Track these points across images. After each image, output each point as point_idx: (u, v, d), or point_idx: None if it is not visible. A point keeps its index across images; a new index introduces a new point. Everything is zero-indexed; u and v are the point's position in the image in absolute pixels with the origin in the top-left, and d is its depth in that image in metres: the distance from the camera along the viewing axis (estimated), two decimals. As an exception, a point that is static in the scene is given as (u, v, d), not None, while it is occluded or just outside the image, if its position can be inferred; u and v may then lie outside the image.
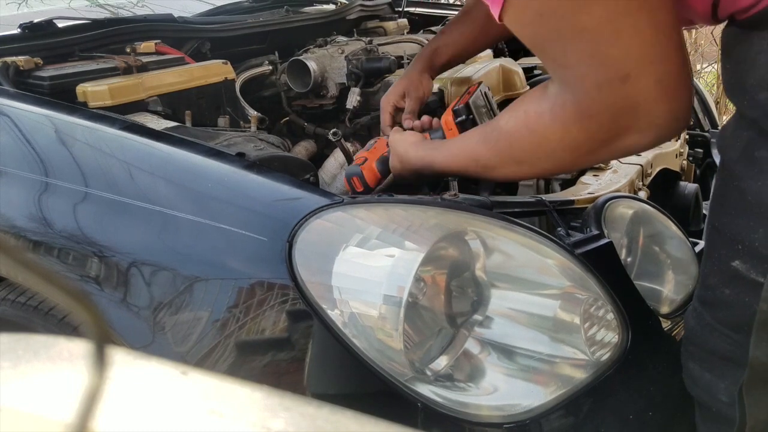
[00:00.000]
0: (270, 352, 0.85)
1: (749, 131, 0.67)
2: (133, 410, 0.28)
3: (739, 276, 0.69)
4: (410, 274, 0.79)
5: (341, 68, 1.59)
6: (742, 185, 0.67)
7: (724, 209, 0.71)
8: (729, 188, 0.70)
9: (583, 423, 0.82)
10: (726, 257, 0.70)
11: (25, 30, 1.41)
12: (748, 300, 0.67)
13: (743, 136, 0.68)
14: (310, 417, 0.28)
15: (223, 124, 1.38)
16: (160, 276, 0.91)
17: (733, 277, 0.70)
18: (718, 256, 0.72)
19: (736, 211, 0.69)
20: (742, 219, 0.68)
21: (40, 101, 1.13)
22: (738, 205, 0.68)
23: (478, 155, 0.88)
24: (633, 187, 1.15)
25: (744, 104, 0.67)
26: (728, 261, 0.70)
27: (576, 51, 0.67)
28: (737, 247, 0.69)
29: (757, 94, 0.64)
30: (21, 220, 1.02)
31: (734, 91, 0.69)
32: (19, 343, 0.33)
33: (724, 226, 0.71)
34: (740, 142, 0.68)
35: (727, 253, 0.70)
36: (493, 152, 0.85)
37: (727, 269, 0.70)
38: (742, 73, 0.66)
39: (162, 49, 1.50)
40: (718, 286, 0.72)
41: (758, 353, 0.65)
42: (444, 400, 0.80)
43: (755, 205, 0.66)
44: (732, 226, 0.69)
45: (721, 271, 0.71)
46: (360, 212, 0.86)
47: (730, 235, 0.70)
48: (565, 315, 0.84)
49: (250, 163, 0.93)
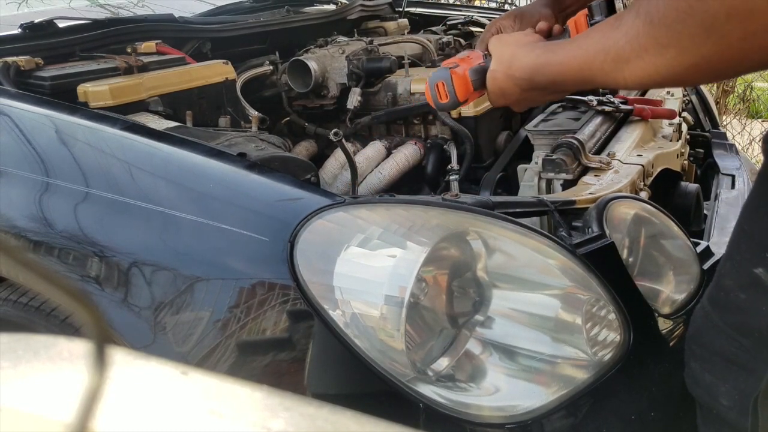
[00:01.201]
0: (271, 352, 0.85)
1: None
2: (133, 410, 0.28)
3: (759, 283, 0.67)
4: (412, 274, 0.79)
5: (342, 68, 1.59)
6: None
7: (757, 212, 0.68)
8: (765, 191, 0.66)
9: (585, 423, 0.82)
10: (749, 262, 0.68)
11: (25, 30, 1.41)
12: (765, 309, 0.66)
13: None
14: (310, 417, 0.28)
15: (224, 124, 1.38)
16: (161, 276, 0.91)
17: (753, 283, 0.68)
18: (740, 260, 0.70)
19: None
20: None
21: (41, 101, 1.13)
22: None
23: (607, 43, 0.66)
24: (634, 187, 1.15)
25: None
26: (751, 266, 0.67)
27: None
28: (765, 254, 0.66)
29: None
30: (22, 220, 1.02)
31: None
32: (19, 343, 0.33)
33: (754, 229, 0.68)
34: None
35: (752, 259, 0.67)
36: (629, 35, 0.62)
37: (748, 274, 0.68)
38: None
39: (163, 49, 1.50)
40: (734, 289, 0.71)
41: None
42: (445, 401, 0.79)
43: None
44: (762, 230, 0.66)
45: (741, 275, 0.69)
46: (361, 212, 0.86)
47: (759, 239, 0.67)
48: (566, 315, 0.83)
49: (251, 163, 0.93)
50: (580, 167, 1.16)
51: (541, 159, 1.15)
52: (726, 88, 3.82)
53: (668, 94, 1.65)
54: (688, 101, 1.84)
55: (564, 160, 1.13)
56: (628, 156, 1.23)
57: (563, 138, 1.17)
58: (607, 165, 1.17)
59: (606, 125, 1.36)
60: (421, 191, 1.48)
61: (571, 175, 1.13)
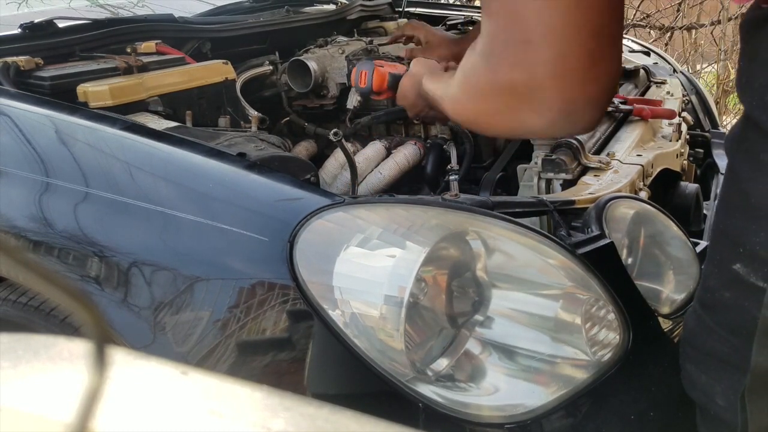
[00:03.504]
0: (271, 352, 0.85)
1: (755, 133, 0.66)
2: (133, 410, 0.28)
3: (739, 279, 0.68)
4: (411, 274, 0.79)
5: (342, 68, 1.59)
6: (746, 187, 0.66)
7: (728, 211, 0.71)
8: (733, 190, 0.70)
9: (584, 423, 0.82)
10: (727, 260, 0.70)
11: (25, 30, 1.41)
12: (747, 304, 0.67)
13: (749, 137, 0.67)
14: (310, 417, 0.28)
15: (224, 124, 1.38)
16: (160, 276, 0.91)
17: (734, 280, 0.69)
18: (719, 259, 0.72)
19: (740, 214, 0.68)
20: (744, 222, 0.67)
21: (41, 101, 1.13)
22: (741, 207, 0.68)
23: (438, 93, 0.92)
24: (634, 187, 1.15)
25: (752, 105, 0.66)
26: (729, 264, 0.69)
27: (502, 22, 0.63)
28: (739, 250, 0.68)
29: (765, 95, 0.63)
30: (21, 220, 1.02)
31: (744, 91, 0.67)
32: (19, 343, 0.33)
33: (728, 227, 0.70)
34: (746, 143, 0.67)
35: (729, 256, 0.69)
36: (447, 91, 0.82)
37: (728, 272, 0.69)
38: (752, 73, 0.65)
39: (162, 49, 1.50)
40: (719, 288, 0.72)
41: (761, 359, 0.64)
42: (445, 401, 0.79)
43: (758, 208, 0.65)
44: (735, 228, 0.69)
45: (722, 274, 0.71)
46: (361, 212, 0.86)
47: (733, 237, 0.69)
48: (566, 315, 0.83)
49: (251, 163, 0.93)
50: (580, 167, 1.16)
51: (540, 159, 1.15)
52: (726, 88, 3.82)
53: (668, 95, 1.65)
54: (688, 101, 1.84)
55: (563, 160, 1.13)
56: (627, 156, 1.23)
57: (563, 138, 1.17)
58: (606, 165, 1.17)
59: (605, 125, 1.37)
60: (420, 191, 1.48)
61: (571, 175, 1.13)
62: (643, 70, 1.75)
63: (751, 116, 0.66)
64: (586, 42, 0.60)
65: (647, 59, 2.01)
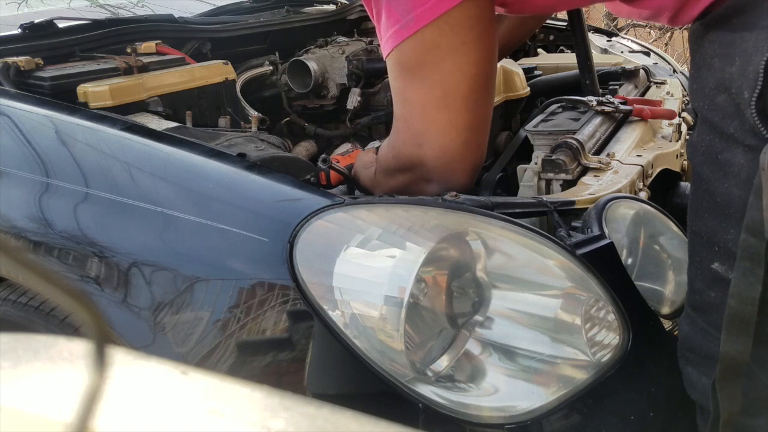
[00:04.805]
0: (271, 352, 0.85)
1: (711, 135, 0.69)
2: (133, 410, 0.28)
3: (719, 278, 0.70)
4: (411, 274, 0.79)
5: (342, 69, 1.59)
6: (711, 188, 0.69)
7: (698, 213, 0.73)
8: (700, 192, 0.72)
9: (584, 424, 0.82)
10: (706, 260, 0.72)
11: (25, 30, 1.41)
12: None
13: (706, 140, 0.70)
14: (310, 417, 0.28)
15: (224, 124, 1.38)
16: (160, 276, 0.91)
17: (715, 279, 0.71)
18: (699, 260, 0.74)
19: (709, 214, 0.70)
20: (715, 221, 0.70)
21: (41, 102, 1.13)
22: (710, 207, 0.70)
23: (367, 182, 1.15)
24: (634, 187, 1.15)
25: (705, 108, 0.69)
26: (708, 264, 0.71)
27: (401, 110, 0.94)
28: (714, 249, 0.70)
29: (715, 98, 0.66)
30: (21, 221, 1.02)
31: (696, 96, 0.71)
32: (19, 343, 0.33)
33: (701, 229, 0.72)
34: (704, 146, 0.70)
35: (707, 256, 0.72)
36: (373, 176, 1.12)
37: (709, 272, 0.71)
38: (702, 78, 0.68)
39: (162, 49, 1.50)
40: (704, 289, 0.73)
41: (727, 348, 0.66)
42: (445, 401, 0.79)
43: (724, 206, 0.68)
44: (707, 228, 0.71)
45: (704, 275, 0.73)
46: (361, 213, 0.86)
47: (707, 237, 0.71)
48: (566, 316, 0.83)
49: (251, 163, 0.93)
50: (580, 167, 1.16)
51: (540, 159, 1.15)
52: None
53: (668, 95, 1.65)
54: (688, 101, 1.84)
55: (563, 160, 1.13)
56: (627, 156, 1.23)
57: (563, 138, 1.17)
58: (606, 165, 1.17)
59: (605, 125, 1.36)
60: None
61: (571, 175, 1.13)
62: (643, 71, 1.75)
63: (706, 119, 0.70)
64: (463, 148, 0.92)
65: (647, 59, 2.01)
